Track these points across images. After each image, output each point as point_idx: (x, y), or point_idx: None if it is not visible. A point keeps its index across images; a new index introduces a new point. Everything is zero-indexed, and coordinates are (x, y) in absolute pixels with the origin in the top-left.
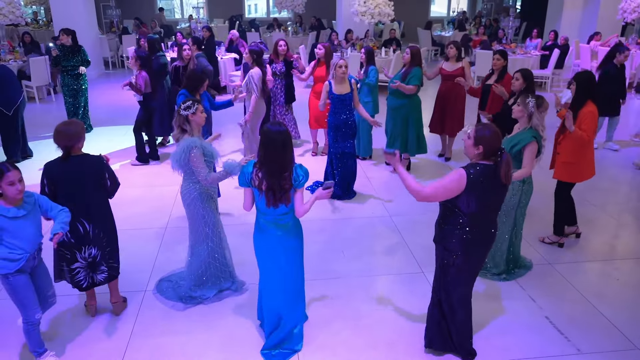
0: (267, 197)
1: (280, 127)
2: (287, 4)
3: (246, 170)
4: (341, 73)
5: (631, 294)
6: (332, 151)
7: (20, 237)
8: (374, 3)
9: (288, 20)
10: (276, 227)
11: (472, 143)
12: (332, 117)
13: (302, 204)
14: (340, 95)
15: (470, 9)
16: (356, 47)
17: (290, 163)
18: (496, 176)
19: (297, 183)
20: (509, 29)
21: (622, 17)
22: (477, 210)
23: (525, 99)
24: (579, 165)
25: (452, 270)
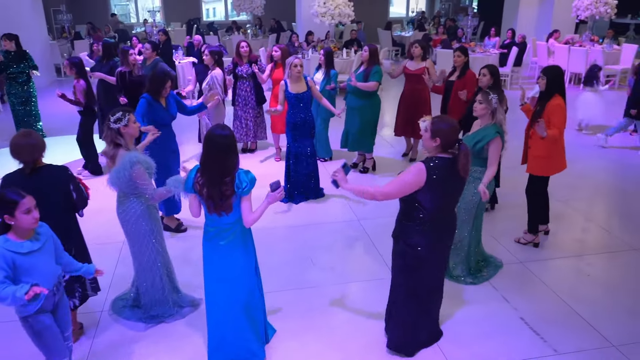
0: (207, 205)
1: (224, 130)
2: (245, 7)
3: (190, 176)
4: (296, 72)
5: (603, 291)
6: (291, 151)
7: (38, 274)
8: (333, 4)
9: (247, 22)
10: (222, 237)
11: (429, 136)
12: (290, 116)
13: (250, 213)
14: (297, 94)
15: (428, 9)
16: (317, 49)
17: (232, 168)
18: (454, 169)
19: (241, 190)
20: (467, 28)
21: (575, 14)
22: (438, 204)
23: (487, 95)
24: (551, 159)
25: (413, 266)
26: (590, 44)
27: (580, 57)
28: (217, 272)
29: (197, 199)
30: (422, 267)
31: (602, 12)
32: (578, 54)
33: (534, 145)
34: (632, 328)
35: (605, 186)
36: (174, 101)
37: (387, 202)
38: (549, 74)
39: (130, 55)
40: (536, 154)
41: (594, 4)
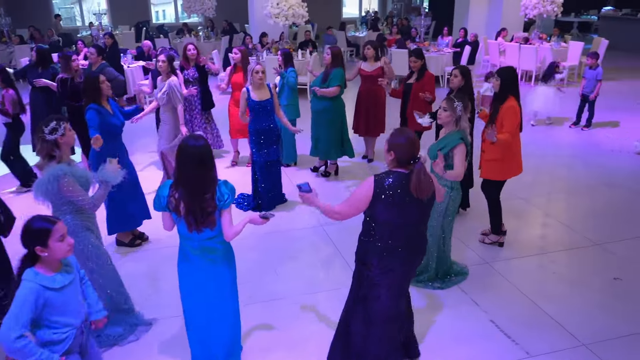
0: (187, 222)
1: (198, 141)
2: (196, 8)
3: (161, 194)
4: (258, 79)
5: (568, 288)
6: (256, 161)
7: (67, 311)
8: (287, 4)
9: (199, 24)
10: (202, 253)
11: (386, 148)
12: (253, 124)
13: (232, 226)
14: (260, 102)
15: (381, 9)
16: (272, 51)
17: (212, 182)
18: (408, 185)
19: (222, 203)
20: (421, 27)
21: (524, 13)
22: (391, 219)
23: (452, 102)
24: (505, 162)
25: (367, 286)
26: (539, 42)
27: (531, 55)
28: (199, 294)
29: (172, 216)
30: (375, 290)
31: (549, 11)
32: (528, 52)
33: (487, 149)
34: (600, 325)
35: (562, 182)
36: (116, 106)
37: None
38: (502, 75)
39: (73, 62)
40: (489, 157)
41: (541, 3)
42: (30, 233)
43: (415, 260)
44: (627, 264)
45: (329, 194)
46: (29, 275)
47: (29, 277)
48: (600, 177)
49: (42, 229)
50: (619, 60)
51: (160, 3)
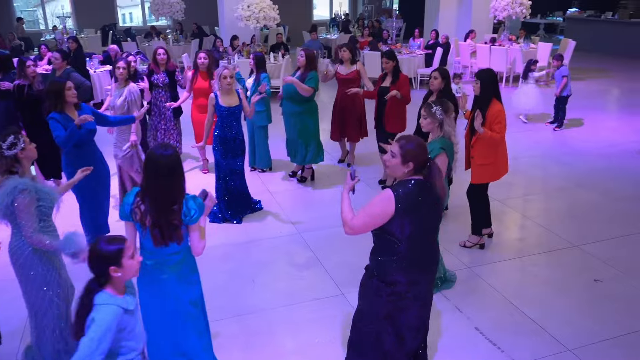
0: (153, 235)
1: (167, 150)
2: (164, 11)
3: (126, 201)
4: (227, 84)
5: (550, 291)
6: (221, 168)
7: (134, 335)
8: (258, 7)
9: (167, 27)
10: (165, 269)
11: (400, 161)
12: (219, 131)
13: (200, 241)
14: (229, 108)
15: (352, 12)
16: (243, 54)
17: (179, 194)
18: (431, 190)
19: (188, 219)
20: (392, 29)
21: (493, 15)
22: (414, 233)
23: (430, 109)
24: (496, 165)
25: (392, 306)
26: (509, 43)
27: (501, 56)
28: (159, 313)
29: (135, 227)
30: (403, 303)
31: (518, 13)
32: (499, 54)
33: (477, 154)
34: (584, 329)
35: (537, 183)
36: (89, 113)
37: (330, 212)
38: (482, 77)
39: (28, 67)
40: (481, 162)
41: (510, 5)
42: (103, 256)
43: (435, 267)
44: (605, 266)
45: (310, 203)
46: (106, 299)
47: (106, 300)
48: (573, 178)
49: (115, 250)
50: (584, 61)
51: (127, 6)
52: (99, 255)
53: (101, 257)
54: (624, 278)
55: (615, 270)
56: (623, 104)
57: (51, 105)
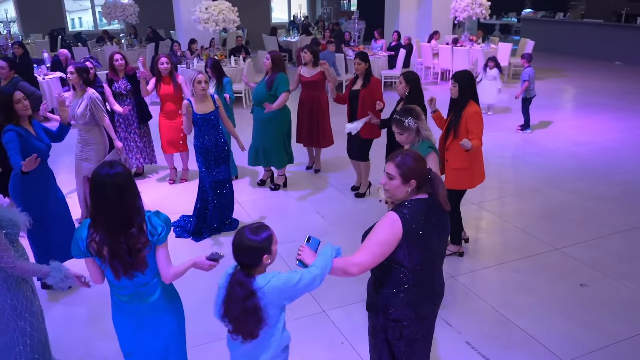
0: (112, 267)
1: (112, 168)
2: (117, 14)
3: (79, 236)
4: (201, 90)
5: (536, 298)
6: (206, 181)
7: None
8: (217, 9)
9: (120, 32)
10: (140, 302)
11: (400, 182)
12: (198, 140)
13: (169, 264)
14: (204, 115)
15: (310, 14)
16: (202, 58)
17: (135, 214)
18: (437, 208)
19: (156, 237)
20: (355, 31)
21: (454, 16)
22: (423, 258)
23: (402, 123)
24: (471, 170)
25: (403, 344)
26: (470, 44)
27: (463, 57)
28: (140, 349)
29: (96, 262)
30: (413, 343)
31: (477, 13)
32: (461, 54)
33: (452, 157)
34: (574, 338)
35: (510, 185)
36: (40, 127)
37: (303, 222)
38: (460, 79)
39: None
40: (455, 166)
41: (470, 6)
42: (256, 247)
43: (440, 300)
44: (587, 269)
45: (282, 212)
46: (265, 277)
47: (267, 277)
48: (544, 178)
49: (268, 236)
50: (540, 61)
51: (76, 10)
52: (252, 247)
53: (254, 249)
54: (607, 281)
55: (598, 273)
56: (583, 103)
57: (2, 119)
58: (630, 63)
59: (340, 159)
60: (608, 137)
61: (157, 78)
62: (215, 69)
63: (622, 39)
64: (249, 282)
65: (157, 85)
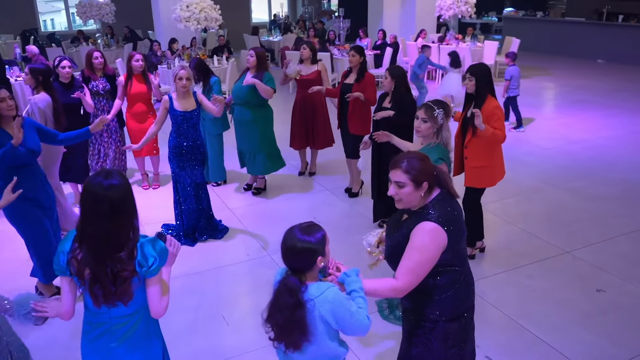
0: (92, 293)
1: (110, 179)
2: (92, 14)
3: (61, 248)
4: (182, 87)
5: (552, 306)
6: (179, 181)
7: None
8: (198, 7)
9: (96, 32)
10: (114, 336)
11: (413, 188)
12: (174, 139)
13: (161, 299)
14: (185, 113)
15: (291, 14)
16: (184, 58)
17: (129, 236)
18: (453, 197)
19: (145, 270)
20: (340, 30)
21: (439, 13)
22: (464, 249)
23: (432, 110)
24: (492, 168)
25: (455, 336)
26: (455, 42)
27: None
28: None
29: (74, 284)
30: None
31: (463, 11)
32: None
33: (471, 155)
34: (599, 348)
35: (509, 185)
36: (32, 130)
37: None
38: (476, 73)
39: None
40: (475, 164)
41: (455, 3)
42: (310, 249)
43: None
44: (601, 272)
45: (276, 218)
46: (319, 287)
47: (320, 287)
48: (542, 178)
49: (322, 237)
50: (524, 59)
51: (48, 12)
52: (305, 249)
53: (308, 251)
54: (624, 285)
55: (613, 277)
56: (572, 101)
57: None
58: (612, 61)
59: (335, 162)
60: (601, 134)
61: (129, 76)
62: (200, 69)
63: (603, 37)
64: (300, 290)
65: (127, 83)
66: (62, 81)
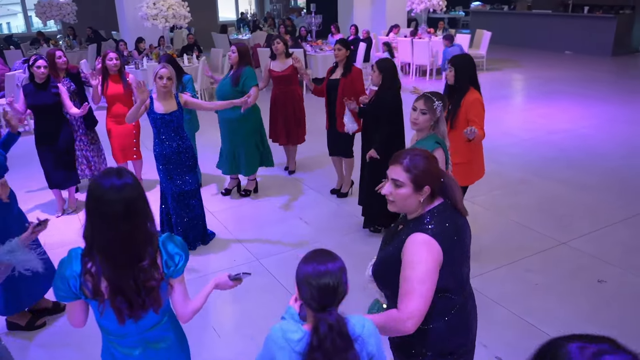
0: (116, 309)
1: (120, 177)
2: (52, 14)
3: (70, 273)
4: (162, 86)
5: (556, 299)
6: (167, 192)
7: None
8: (166, 4)
9: (57, 33)
10: (146, 351)
11: (412, 190)
12: (158, 145)
13: (187, 301)
14: (164, 116)
15: (259, 11)
16: (152, 57)
17: (148, 241)
18: (457, 212)
19: (173, 269)
20: (312, 26)
21: (410, 7)
22: (465, 271)
23: (432, 102)
24: (472, 165)
25: None
26: (428, 36)
27: (424, 49)
28: None
29: (88, 305)
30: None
31: (435, 5)
32: (421, 47)
33: (451, 151)
34: None
35: (495, 177)
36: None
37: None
38: (457, 64)
39: None
40: (455, 161)
41: None
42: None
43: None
44: (599, 262)
45: (255, 218)
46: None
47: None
48: (528, 169)
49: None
50: (494, 52)
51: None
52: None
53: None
54: (624, 275)
55: (611, 266)
56: (546, 91)
57: None
58: (579, 52)
59: (314, 159)
60: (580, 124)
61: (104, 77)
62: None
63: (570, 28)
64: (348, 329)
65: (103, 84)
66: (37, 81)
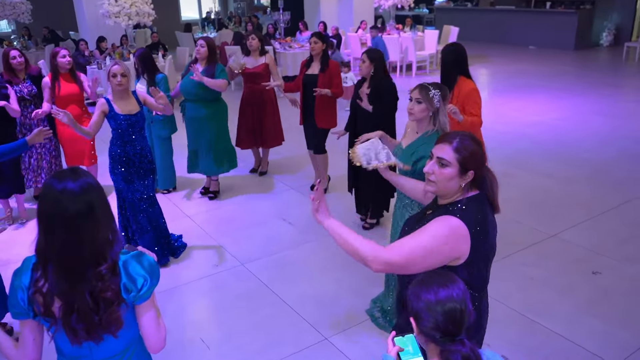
0: (68, 328)
1: (76, 179)
2: (5, 13)
3: (18, 283)
4: (117, 84)
5: (554, 293)
6: (125, 198)
7: None
8: (129, 1)
9: (11, 33)
10: None
11: (457, 171)
12: (119, 147)
13: (159, 328)
14: (129, 117)
15: (222, 10)
16: (115, 57)
17: (107, 246)
18: (492, 211)
19: (134, 295)
20: (281, 23)
21: (378, 4)
22: (488, 269)
23: (427, 90)
24: None
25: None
26: (396, 32)
27: (394, 45)
28: None
29: (39, 327)
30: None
31: (402, 1)
32: (391, 42)
33: None
34: (612, 336)
35: None
36: None
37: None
38: (442, 55)
39: None
40: None
41: None
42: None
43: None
44: (591, 253)
45: (236, 221)
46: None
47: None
48: (510, 162)
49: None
50: None
51: None
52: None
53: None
54: (617, 266)
55: (605, 257)
56: (516, 85)
57: None
58: (542, 47)
59: (292, 159)
60: (553, 116)
61: (54, 76)
62: (145, 62)
63: (533, 24)
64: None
65: (53, 84)
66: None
